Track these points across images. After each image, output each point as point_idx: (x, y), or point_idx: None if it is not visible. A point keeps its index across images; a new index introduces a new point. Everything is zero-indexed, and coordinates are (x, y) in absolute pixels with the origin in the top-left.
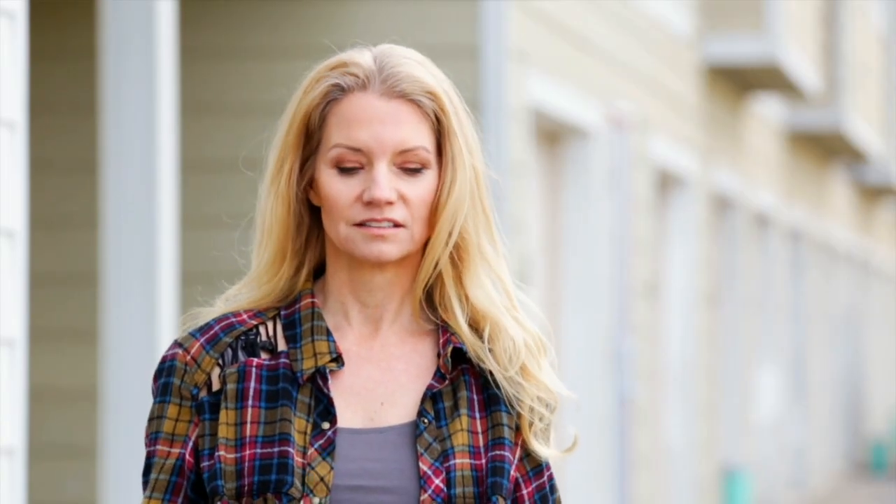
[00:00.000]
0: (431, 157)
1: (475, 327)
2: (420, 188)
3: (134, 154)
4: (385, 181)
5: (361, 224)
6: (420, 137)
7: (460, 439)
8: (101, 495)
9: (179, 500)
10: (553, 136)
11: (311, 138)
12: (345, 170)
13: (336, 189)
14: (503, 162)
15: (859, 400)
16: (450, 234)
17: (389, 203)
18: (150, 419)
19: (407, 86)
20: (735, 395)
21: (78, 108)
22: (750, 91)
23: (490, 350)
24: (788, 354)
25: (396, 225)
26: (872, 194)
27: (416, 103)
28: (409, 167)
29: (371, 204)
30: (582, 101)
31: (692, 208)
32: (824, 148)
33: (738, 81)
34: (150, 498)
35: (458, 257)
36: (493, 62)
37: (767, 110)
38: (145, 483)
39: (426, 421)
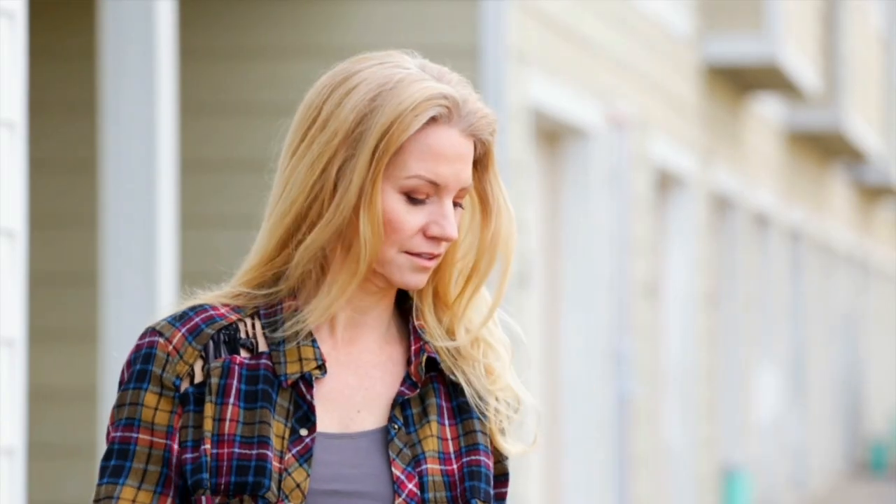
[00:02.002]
0: None
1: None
2: (457, 220)
3: (134, 154)
4: (454, 219)
5: (416, 254)
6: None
7: (430, 445)
8: None
9: (170, 493)
10: (553, 136)
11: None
12: (414, 200)
13: (403, 218)
14: (503, 162)
15: (859, 400)
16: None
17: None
18: (122, 405)
19: (484, 127)
20: (735, 395)
21: (78, 108)
22: (750, 91)
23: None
24: (788, 354)
25: (436, 257)
26: (872, 194)
27: (480, 140)
28: (455, 202)
29: (435, 239)
30: (582, 101)
31: (692, 208)
32: (824, 148)
33: (738, 81)
34: (138, 488)
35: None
36: (493, 62)
37: (767, 110)
38: (114, 468)
39: (396, 427)
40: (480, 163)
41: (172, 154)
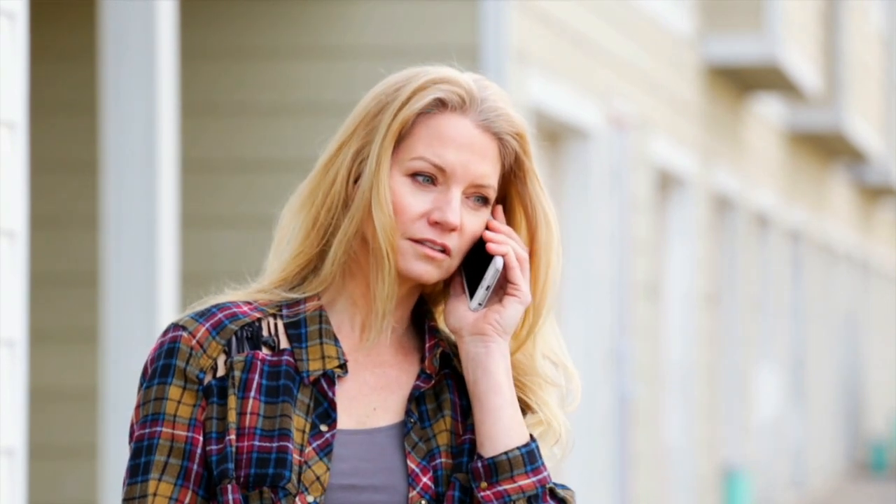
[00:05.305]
0: (494, 196)
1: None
2: (476, 222)
3: (134, 154)
4: (458, 207)
5: (419, 241)
6: (494, 177)
7: (444, 439)
8: (101, 495)
9: (191, 485)
10: (553, 136)
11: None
12: (419, 181)
13: (406, 201)
14: None
15: (859, 400)
16: (550, 296)
17: (454, 229)
18: (146, 402)
19: (502, 124)
20: (735, 395)
21: (78, 108)
22: (750, 91)
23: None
24: (788, 354)
25: (446, 251)
26: (872, 194)
27: (502, 143)
28: (475, 199)
29: (437, 225)
30: (582, 101)
31: (692, 208)
32: (824, 148)
33: (738, 81)
34: (159, 480)
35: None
36: (493, 62)
37: (767, 110)
38: (143, 465)
39: (412, 421)
40: (517, 175)
41: (172, 154)
